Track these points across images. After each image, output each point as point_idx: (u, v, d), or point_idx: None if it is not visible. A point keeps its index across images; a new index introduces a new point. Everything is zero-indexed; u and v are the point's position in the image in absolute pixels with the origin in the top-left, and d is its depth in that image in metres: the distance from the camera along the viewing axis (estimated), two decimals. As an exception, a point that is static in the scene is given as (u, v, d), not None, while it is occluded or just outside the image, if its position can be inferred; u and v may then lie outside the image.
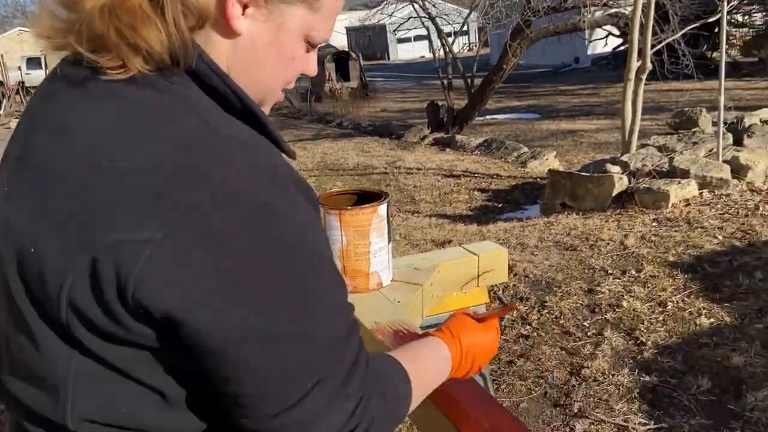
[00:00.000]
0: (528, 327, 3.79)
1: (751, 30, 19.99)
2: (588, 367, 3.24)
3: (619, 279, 4.29)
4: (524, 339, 3.66)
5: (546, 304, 4.02)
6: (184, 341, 0.63)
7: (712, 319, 3.62)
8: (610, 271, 4.42)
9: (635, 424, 2.76)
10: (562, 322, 3.81)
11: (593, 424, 2.79)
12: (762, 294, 3.86)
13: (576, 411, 2.88)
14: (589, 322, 3.77)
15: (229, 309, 0.62)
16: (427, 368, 0.93)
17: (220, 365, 0.64)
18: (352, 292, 1.51)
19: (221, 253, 0.61)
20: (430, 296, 1.69)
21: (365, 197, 1.52)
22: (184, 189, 0.61)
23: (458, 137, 12.24)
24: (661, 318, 3.71)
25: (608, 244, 4.96)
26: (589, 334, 3.63)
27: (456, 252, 1.84)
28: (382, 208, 1.46)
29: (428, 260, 1.76)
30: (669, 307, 3.81)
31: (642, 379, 3.11)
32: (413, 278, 1.64)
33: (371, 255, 1.46)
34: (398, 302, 1.49)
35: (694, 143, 6.81)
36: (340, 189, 1.49)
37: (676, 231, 5.07)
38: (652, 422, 2.76)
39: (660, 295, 3.98)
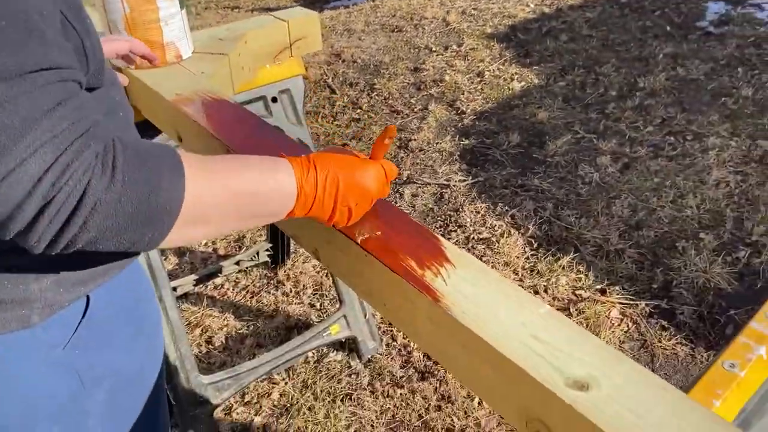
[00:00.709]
0: (359, 110, 3.87)
1: None
2: (415, 140, 3.44)
3: (442, 55, 4.42)
4: (356, 122, 3.76)
5: (375, 86, 4.09)
6: None
7: (522, 83, 3.92)
8: (434, 49, 4.52)
9: (455, 181, 3.04)
10: (390, 102, 3.93)
11: (420, 187, 3.03)
12: (565, 54, 4.19)
13: (405, 179, 3.09)
14: (415, 99, 3.91)
15: None
16: (244, 180, 0.73)
17: None
18: (149, 67, 1.40)
19: None
20: (240, 68, 1.62)
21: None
22: None
23: None
24: (479, 87, 3.94)
25: (431, 22, 5.02)
26: (415, 110, 3.79)
27: (264, 20, 1.74)
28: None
29: (233, 30, 1.66)
30: (486, 77, 4.04)
31: (462, 143, 3.37)
32: (218, 48, 1.55)
33: (162, 22, 1.34)
34: (202, 73, 1.42)
35: None
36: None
37: (493, 3, 5.21)
38: (470, 178, 3.05)
39: (478, 66, 4.19)
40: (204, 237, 0.77)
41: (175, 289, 2.23)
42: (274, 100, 1.79)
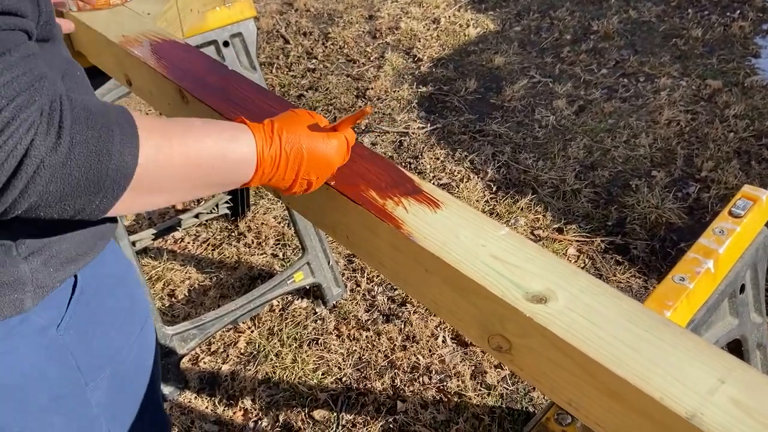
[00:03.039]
0: (314, 60, 3.80)
1: None
2: (372, 89, 3.40)
3: (397, 2, 4.35)
4: (311, 72, 3.69)
5: (329, 35, 4.01)
6: None
7: (478, 29, 3.89)
8: (388, -4, 4.44)
9: (414, 129, 3.03)
10: (346, 51, 3.86)
11: (378, 135, 3.02)
12: None
13: (363, 128, 3.07)
14: (371, 47, 3.86)
15: None
16: (202, 149, 0.69)
17: None
18: (92, 9, 1.34)
19: None
20: (188, 10, 1.57)
21: None
22: None
23: None
24: (435, 34, 3.90)
25: (385, -32, 4.91)
26: (371, 58, 3.74)
27: (210, -39, 1.68)
28: None
29: (179, -29, 1.60)
30: (442, 23, 4.00)
31: (419, 90, 3.35)
32: (163, -10, 1.49)
33: (103, -40, 1.28)
34: (148, 14, 1.37)
35: None
36: None
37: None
38: (429, 125, 3.05)
39: (434, 13, 4.14)
40: (154, 206, 0.71)
41: (134, 243, 2.19)
42: (226, 44, 1.74)
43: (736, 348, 0.97)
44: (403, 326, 2.03)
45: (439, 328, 2.02)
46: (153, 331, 1.00)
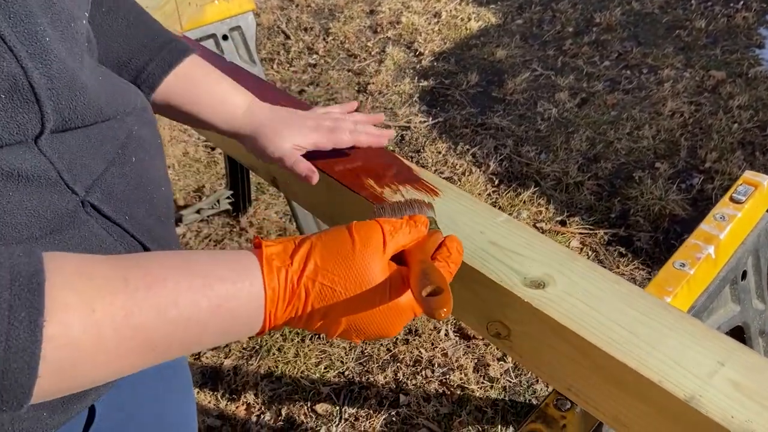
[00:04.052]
0: (315, 56, 3.79)
1: None
2: (373, 83, 3.39)
3: (398, -4, 4.34)
4: (312, 68, 3.68)
5: (330, 31, 4.00)
6: None
7: (480, 22, 3.88)
8: (389, -10, 4.43)
9: (416, 123, 3.03)
10: (347, 46, 3.85)
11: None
12: (522, -8, 4.15)
13: (365, 122, 3.06)
14: (372, 42, 3.85)
15: None
16: (169, 321, 0.46)
17: None
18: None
19: None
20: (187, 4, 1.57)
21: None
22: None
23: None
24: (436, 28, 3.89)
25: (386, -37, 4.89)
26: (373, 53, 3.73)
27: (208, -45, 1.68)
28: None
29: (177, -35, 1.60)
30: (443, 17, 3.99)
31: (421, 84, 3.34)
32: (161, -17, 1.49)
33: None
34: (146, 8, 1.36)
35: None
36: None
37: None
38: (431, 119, 3.04)
39: (435, 7, 4.12)
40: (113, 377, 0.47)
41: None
42: (225, 38, 1.74)
43: (738, 335, 0.96)
44: (405, 320, 2.02)
45: (441, 321, 2.01)
46: (194, 405, 0.84)
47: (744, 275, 0.91)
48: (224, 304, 0.47)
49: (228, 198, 2.47)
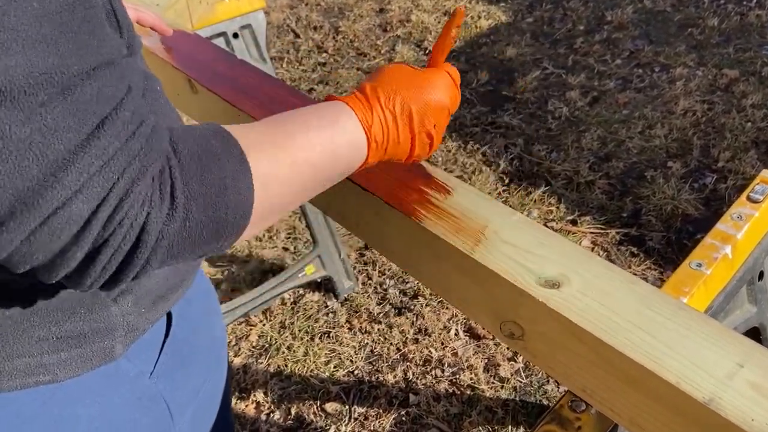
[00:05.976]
0: (325, 54, 3.79)
1: None
2: (383, 81, 3.39)
3: (408, -5, 4.33)
4: (322, 66, 3.68)
5: (340, 29, 4.00)
6: None
7: (490, 20, 3.86)
8: (398, -11, 4.42)
9: (426, 121, 3.02)
10: (356, 44, 3.85)
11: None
12: (532, -9, 4.13)
13: (375, 121, 3.06)
14: (382, 40, 3.84)
15: None
16: (309, 149, 0.62)
17: None
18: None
19: None
20: (198, 2, 1.57)
21: None
22: None
23: None
24: (446, 26, 3.87)
25: (396, -39, 4.88)
26: (382, 51, 3.73)
27: (219, -48, 1.68)
28: None
29: (188, -37, 1.60)
30: (453, 15, 3.98)
31: (431, 82, 3.33)
32: (172, -19, 1.49)
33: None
34: (157, 5, 1.36)
35: None
36: None
37: (458, -59, 5.08)
38: (441, 117, 3.03)
39: (445, 5, 4.11)
40: (265, 228, 0.66)
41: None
42: (236, 36, 1.74)
43: (755, 336, 0.95)
44: (415, 319, 2.02)
45: (451, 321, 2.01)
46: (226, 354, 0.95)
47: (761, 275, 0.89)
48: (335, 134, 0.64)
49: (238, 196, 2.47)
